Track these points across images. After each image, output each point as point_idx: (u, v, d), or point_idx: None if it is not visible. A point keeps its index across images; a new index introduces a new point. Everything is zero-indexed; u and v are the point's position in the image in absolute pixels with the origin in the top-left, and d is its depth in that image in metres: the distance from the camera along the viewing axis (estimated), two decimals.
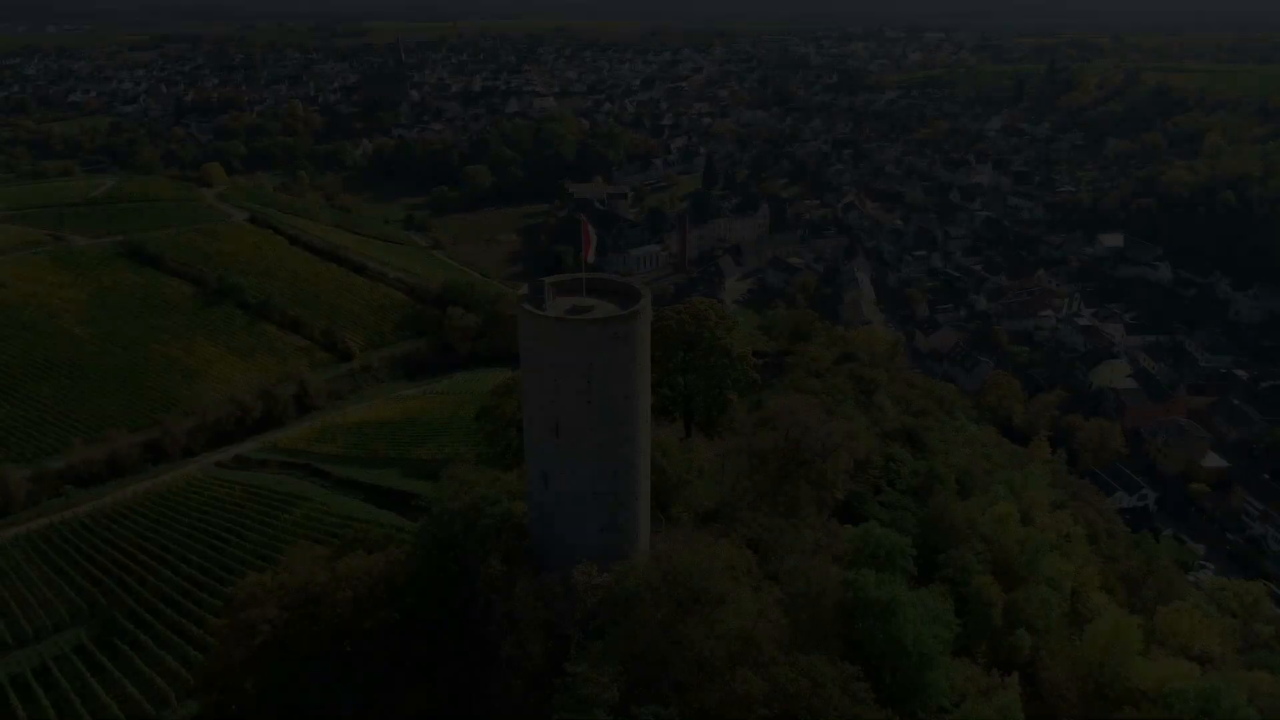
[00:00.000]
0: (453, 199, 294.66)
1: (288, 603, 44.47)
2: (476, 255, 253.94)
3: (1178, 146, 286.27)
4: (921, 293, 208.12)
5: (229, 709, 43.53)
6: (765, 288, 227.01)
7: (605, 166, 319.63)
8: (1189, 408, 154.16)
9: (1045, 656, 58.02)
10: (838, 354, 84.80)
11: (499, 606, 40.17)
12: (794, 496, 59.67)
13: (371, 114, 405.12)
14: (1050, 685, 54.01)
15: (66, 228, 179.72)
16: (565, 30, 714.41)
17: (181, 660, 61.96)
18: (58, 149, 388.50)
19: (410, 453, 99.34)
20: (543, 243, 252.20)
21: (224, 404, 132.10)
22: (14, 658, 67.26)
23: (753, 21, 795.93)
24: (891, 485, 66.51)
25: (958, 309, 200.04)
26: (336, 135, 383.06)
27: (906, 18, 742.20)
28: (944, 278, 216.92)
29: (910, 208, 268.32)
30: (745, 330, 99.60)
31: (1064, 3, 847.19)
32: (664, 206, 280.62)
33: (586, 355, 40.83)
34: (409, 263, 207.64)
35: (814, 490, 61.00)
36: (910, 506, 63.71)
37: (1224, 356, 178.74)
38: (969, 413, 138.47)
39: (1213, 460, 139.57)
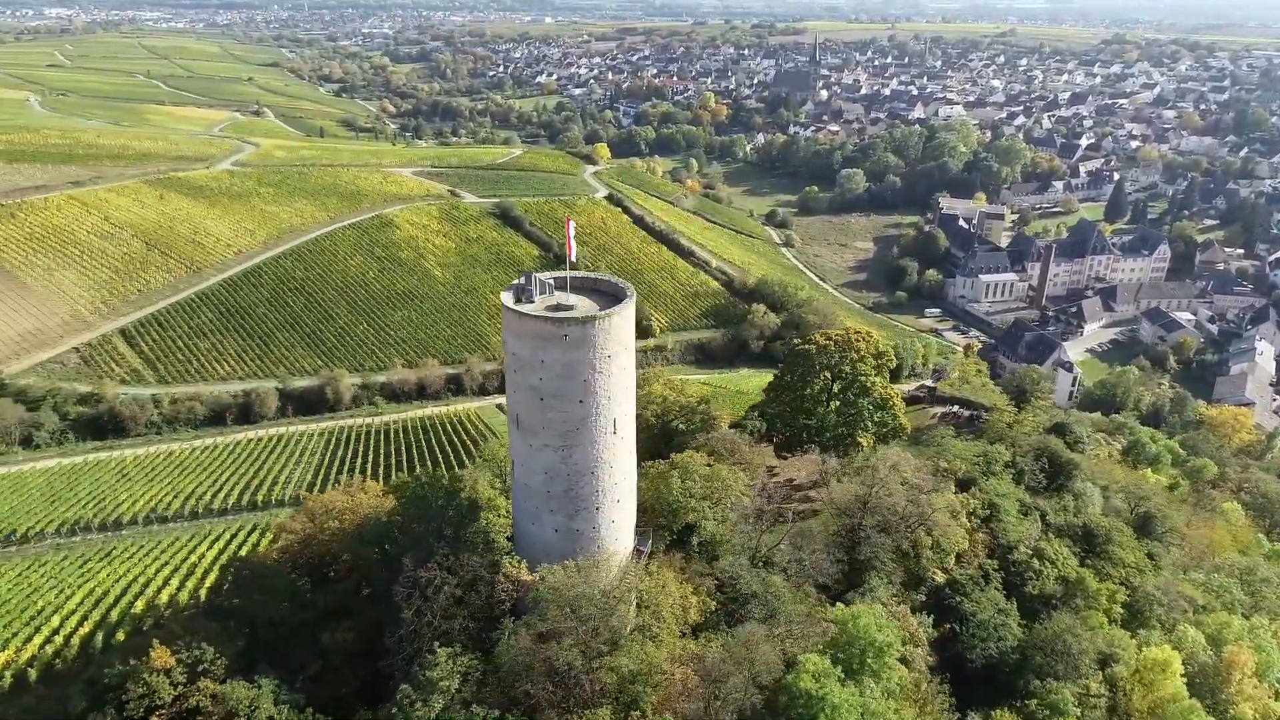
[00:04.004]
0: (820, 200, 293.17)
1: (311, 521, 50.34)
2: (824, 258, 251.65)
3: None
4: None
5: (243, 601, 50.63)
6: (1134, 341, 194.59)
7: (993, 183, 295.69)
8: None
9: None
10: (1050, 423, 71.47)
11: (409, 571, 41.84)
12: (867, 561, 53.22)
13: (774, 110, 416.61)
14: None
15: (464, 186, 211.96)
16: (1009, 36, 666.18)
17: None
18: (513, 122, 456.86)
19: None
20: (893, 254, 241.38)
21: None
22: (242, 518, 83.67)
23: (1241, 35, 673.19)
24: (1019, 587, 55.44)
25: None
26: (737, 128, 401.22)
27: None
28: None
29: None
30: (965, 377, 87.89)
31: None
32: (1048, 234, 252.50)
33: (538, 352, 40.38)
34: (740, 255, 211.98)
35: (893, 561, 53.76)
36: (1017, 615, 52.74)
37: None
38: None
39: None
